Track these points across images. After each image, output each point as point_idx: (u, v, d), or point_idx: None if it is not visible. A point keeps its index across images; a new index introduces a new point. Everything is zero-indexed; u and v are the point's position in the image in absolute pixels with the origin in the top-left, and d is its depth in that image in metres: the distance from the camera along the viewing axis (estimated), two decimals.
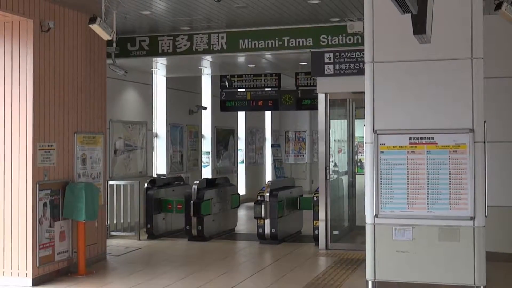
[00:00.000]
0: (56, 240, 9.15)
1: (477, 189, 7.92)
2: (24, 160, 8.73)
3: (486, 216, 7.98)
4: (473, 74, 8.00)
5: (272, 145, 23.53)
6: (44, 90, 8.98)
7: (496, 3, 8.08)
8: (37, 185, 8.77)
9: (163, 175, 14.76)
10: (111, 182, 12.35)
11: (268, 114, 23.07)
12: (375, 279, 8.23)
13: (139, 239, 12.65)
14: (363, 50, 8.59)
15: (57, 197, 9.18)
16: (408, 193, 8.13)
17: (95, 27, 8.69)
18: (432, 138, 8.09)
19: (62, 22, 9.36)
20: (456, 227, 7.98)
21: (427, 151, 8.10)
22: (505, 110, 10.06)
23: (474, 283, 7.93)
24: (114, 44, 10.28)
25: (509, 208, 10.04)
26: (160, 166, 15.96)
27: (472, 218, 7.92)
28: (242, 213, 15.62)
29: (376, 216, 8.22)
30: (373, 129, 8.27)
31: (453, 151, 8.01)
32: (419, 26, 6.35)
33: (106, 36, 8.93)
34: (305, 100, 15.14)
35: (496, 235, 9.59)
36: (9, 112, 8.79)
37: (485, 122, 8.02)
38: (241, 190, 19.86)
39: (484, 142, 7.98)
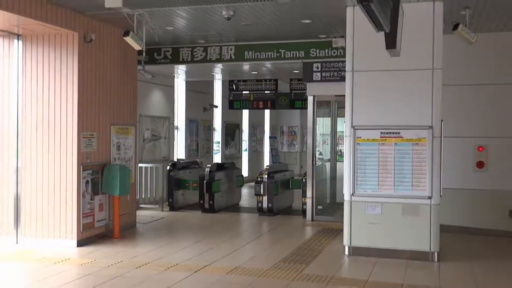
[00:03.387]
0: (96, 210, 9.26)
1: (434, 174, 8.03)
2: (71, 146, 8.81)
3: (440, 196, 8.11)
4: (433, 81, 8.10)
5: (270, 137, 23.61)
6: (86, 89, 9.05)
7: (454, 24, 8.13)
8: (81, 166, 8.87)
9: (182, 159, 14.83)
10: (140, 165, 12.41)
11: (267, 112, 23.08)
12: (350, 244, 8.40)
13: (162, 211, 12.75)
14: (344, 61, 8.65)
15: (97, 176, 9.27)
16: (378, 177, 8.25)
17: (128, 39, 8.74)
18: (399, 133, 8.19)
19: (101, 34, 9.42)
20: (416, 204, 8.10)
21: (395, 143, 8.21)
22: (459, 111, 10.08)
23: (430, 249, 8.08)
24: (144, 53, 10.35)
25: (459, 190, 10.06)
26: (179, 152, 16.02)
27: (430, 198, 8.04)
28: (245, 191, 15.69)
29: (352, 194, 8.35)
30: (352, 125, 8.38)
31: (416, 143, 8.12)
32: (391, 42, 6.41)
33: (137, 47, 8.99)
34: (297, 101, 15.15)
35: (449, 211, 9.65)
36: (58, 107, 8.86)
37: (442, 121, 8.12)
38: (245, 172, 19.87)
39: (441, 137, 8.09)
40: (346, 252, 8.39)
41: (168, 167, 13.14)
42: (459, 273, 7.48)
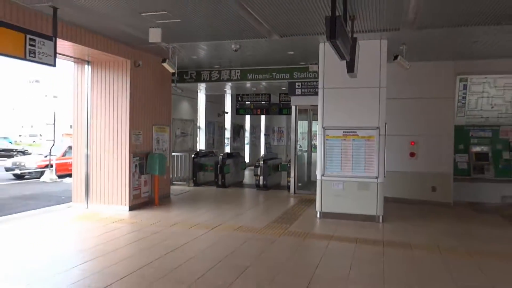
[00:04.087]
0: (142, 185, 9.21)
1: (380, 161, 7.99)
2: (124, 140, 8.78)
3: (384, 176, 8.06)
4: (380, 96, 8.04)
5: (265, 134, 23.53)
6: (135, 100, 9.00)
7: (394, 55, 8.08)
8: (132, 154, 8.84)
9: (203, 150, 14.77)
10: (173, 154, 12.37)
11: (263, 117, 23.01)
12: (321, 210, 8.35)
13: (188, 186, 12.71)
14: (318, 81, 8.60)
15: (143, 161, 9.22)
16: (341, 163, 8.19)
17: (165, 65, 8.69)
18: (356, 132, 8.14)
19: (146, 61, 9.35)
20: (367, 182, 8.06)
21: (353, 139, 8.16)
22: (398, 117, 10.03)
23: (377, 214, 8.04)
24: (176, 75, 10.31)
25: (398, 172, 10.03)
26: (201, 145, 15.98)
27: (377, 177, 8.00)
28: (247, 172, 15.65)
29: (323, 175, 8.30)
30: (323, 126, 8.32)
31: (367, 139, 8.07)
32: (350, 68, 6.39)
33: (171, 70, 8.94)
34: (284, 109, 15.09)
35: (390, 187, 9.63)
36: (116, 113, 8.82)
37: (385, 123, 8.07)
38: (247, 159, 19.88)
39: (385, 135, 8.04)
40: (318, 216, 8.35)
41: (192, 155, 13.08)
42: (397, 229, 7.45)
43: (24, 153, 26.02)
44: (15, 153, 26.08)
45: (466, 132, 10.66)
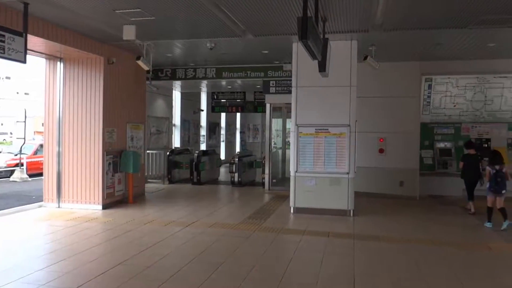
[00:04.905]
0: (116, 183, 9.00)
1: (350, 157, 8.08)
2: (98, 138, 8.55)
3: (355, 172, 8.17)
4: (350, 94, 8.13)
5: (240, 132, 23.47)
6: (109, 98, 8.78)
7: (364, 56, 8.18)
8: (105, 152, 8.63)
9: (178, 147, 14.60)
10: (148, 151, 12.16)
11: (238, 115, 22.94)
12: (295, 206, 8.39)
13: (163, 184, 12.53)
14: (291, 79, 8.61)
15: (117, 159, 9.01)
16: (314, 159, 8.26)
17: (139, 62, 8.51)
18: (327, 129, 8.21)
19: (120, 58, 9.12)
20: (339, 178, 8.14)
21: (325, 136, 8.22)
22: (368, 115, 10.17)
23: (348, 208, 8.14)
24: (150, 72, 10.09)
25: (367, 168, 10.16)
26: (176, 142, 15.77)
27: (348, 173, 8.10)
28: (222, 170, 15.55)
29: (296, 171, 8.34)
30: (296, 123, 8.36)
31: (339, 136, 8.15)
32: (322, 67, 6.42)
33: (146, 68, 8.76)
34: (259, 107, 15.03)
35: (361, 182, 9.75)
36: (89, 110, 8.58)
37: (356, 121, 8.17)
38: (222, 156, 19.77)
39: (355, 132, 8.14)
40: (292, 211, 8.38)
41: (168, 153, 12.90)
42: (367, 223, 7.56)
43: None
44: None
45: (431, 129, 10.93)
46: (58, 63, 8.68)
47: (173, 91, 15.40)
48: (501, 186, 7.26)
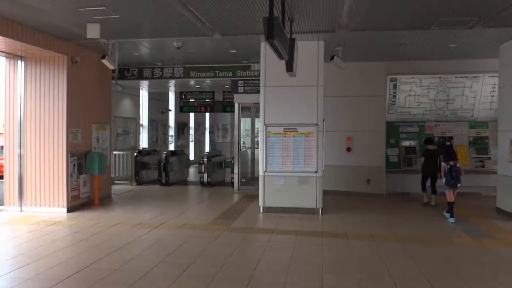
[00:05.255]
0: (81, 185, 8.79)
1: (318, 156, 8.19)
2: (62, 139, 8.32)
3: (323, 171, 8.29)
4: (318, 94, 8.24)
5: (209, 132, 23.38)
6: (73, 98, 8.56)
7: (331, 56, 8.31)
8: (69, 154, 8.40)
9: (146, 148, 14.39)
10: (114, 152, 11.94)
11: (207, 114, 22.83)
12: (264, 205, 8.44)
13: (131, 185, 12.33)
14: (259, 79, 8.65)
15: (82, 160, 8.80)
16: (282, 159, 8.32)
17: (104, 61, 8.33)
18: (296, 128, 8.29)
19: (85, 57, 8.92)
20: (307, 176, 8.24)
21: (293, 136, 8.30)
22: (335, 114, 10.37)
23: (316, 206, 8.25)
24: (116, 72, 9.93)
25: (335, 166, 10.38)
26: (144, 143, 15.54)
27: (316, 172, 8.20)
28: (191, 170, 15.47)
29: (265, 171, 8.38)
30: (264, 123, 8.40)
31: (307, 136, 8.24)
32: (289, 67, 6.48)
33: (111, 67, 8.58)
34: (228, 107, 15.00)
35: (329, 180, 9.92)
36: (52, 110, 8.34)
37: (323, 120, 8.28)
38: (191, 157, 19.64)
39: (323, 131, 8.25)
40: (261, 211, 8.42)
41: (135, 154, 12.70)
42: (335, 221, 7.69)
43: None
44: None
45: (396, 128, 11.22)
46: (19, 61, 8.38)
47: (140, 91, 15.17)
48: (456, 181, 7.75)
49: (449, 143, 11.05)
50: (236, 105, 11.66)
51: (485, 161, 10.86)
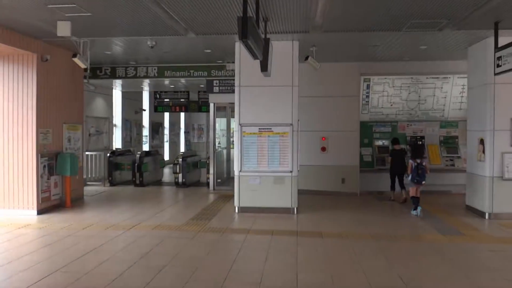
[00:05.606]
0: (52, 187, 8.57)
1: (293, 156, 8.25)
2: (31, 140, 8.10)
3: (298, 170, 8.35)
4: (292, 94, 8.29)
5: (184, 132, 23.21)
6: (43, 97, 8.35)
7: (305, 56, 8.38)
8: (39, 154, 8.18)
9: (119, 148, 14.15)
10: (87, 153, 11.70)
11: (182, 114, 22.66)
12: (239, 205, 8.43)
13: (104, 186, 12.10)
14: (234, 79, 8.64)
15: (52, 161, 8.57)
16: (257, 159, 8.33)
17: (76, 60, 8.15)
18: (271, 128, 8.32)
19: (55, 56, 8.70)
20: (283, 176, 8.28)
21: (268, 136, 8.32)
22: (310, 114, 10.48)
23: (291, 206, 8.30)
24: (88, 70, 9.72)
25: (310, 166, 10.47)
26: (117, 143, 15.29)
27: (291, 172, 8.26)
28: (166, 170, 15.33)
29: (240, 171, 8.38)
30: (239, 123, 8.39)
31: (282, 135, 8.29)
32: (264, 67, 6.50)
33: (83, 66, 8.40)
34: (203, 107, 14.96)
35: (304, 180, 9.99)
36: (21, 111, 8.11)
37: (298, 120, 8.35)
38: (166, 157, 19.47)
39: (298, 131, 8.32)
40: (236, 211, 8.41)
41: (108, 154, 12.48)
42: (310, 220, 7.76)
43: None
44: None
45: (370, 128, 11.42)
46: None
47: (113, 90, 14.91)
48: (421, 177, 8.17)
49: (420, 142, 11.32)
50: (211, 105, 11.62)
51: (455, 160, 11.17)
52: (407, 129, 11.46)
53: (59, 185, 8.83)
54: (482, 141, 8.15)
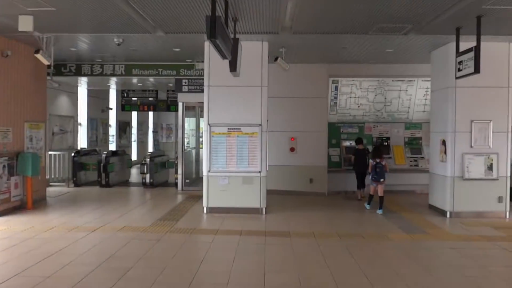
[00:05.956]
0: (12, 188, 8.24)
1: (262, 156, 8.27)
2: None
3: (267, 170, 8.37)
4: (261, 94, 8.31)
5: (153, 131, 22.85)
6: (4, 94, 8.03)
7: (275, 57, 8.42)
8: None
9: (85, 148, 13.77)
10: (50, 152, 11.33)
11: (150, 113, 22.30)
12: (208, 205, 8.37)
13: (68, 187, 11.74)
14: (203, 78, 8.56)
15: (13, 161, 8.23)
16: (226, 159, 8.30)
17: (38, 56, 7.89)
18: (240, 128, 8.30)
19: (17, 51, 8.39)
20: (251, 176, 8.29)
21: (237, 136, 8.30)
22: (279, 114, 10.53)
23: (260, 206, 8.31)
24: (52, 67, 9.42)
25: (279, 166, 10.51)
26: (82, 143, 14.87)
27: (260, 172, 8.27)
28: (134, 171, 15.04)
29: (209, 171, 8.32)
30: (208, 122, 8.34)
31: (251, 136, 8.29)
32: (233, 67, 6.49)
33: (46, 62, 8.15)
34: (172, 106, 14.76)
35: (272, 180, 10.02)
36: None
37: (267, 120, 8.37)
38: (134, 157, 19.12)
39: (267, 131, 8.34)
40: (205, 211, 8.35)
41: (73, 154, 12.11)
42: (279, 220, 7.80)
43: None
44: None
45: (338, 129, 11.60)
46: None
47: (79, 88, 14.50)
48: (380, 176, 8.61)
49: (386, 143, 11.61)
50: (180, 105, 11.49)
51: (419, 160, 11.51)
52: (374, 130, 11.71)
53: (20, 186, 8.50)
54: (444, 142, 8.43)
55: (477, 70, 6.84)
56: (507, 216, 8.18)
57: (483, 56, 6.88)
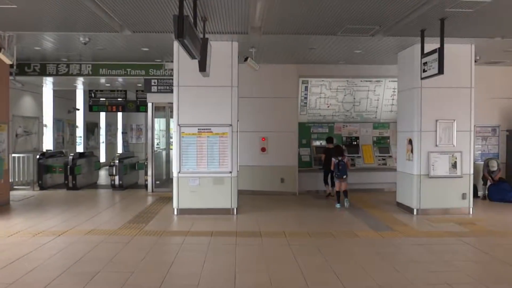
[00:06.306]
0: None
1: (233, 156, 8.27)
2: None
3: (238, 171, 8.38)
4: (232, 95, 8.31)
5: (122, 132, 22.40)
6: None
7: (244, 57, 8.44)
8: None
9: (50, 150, 13.36)
10: (14, 155, 10.95)
11: (119, 114, 21.83)
12: (178, 207, 8.30)
13: (33, 190, 11.37)
14: (173, 78, 8.49)
15: None
16: (197, 159, 8.26)
17: (0, 55, 7.60)
18: (210, 129, 8.28)
19: None
20: (222, 177, 8.27)
21: (207, 136, 8.28)
22: (250, 114, 10.56)
23: (231, 206, 8.31)
24: (14, 67, 9.13)
25: (250, 166, 10.57)
26: (48, 144, 14.41)
27: (230, 172, 8.27)
28: (102, 172, 14.72)
29: (179, 172, 8.25)
30: (178, 123, 8.27)
31: (221, 136, 8.28)
32: (202, 67, 6.46)
33: (8, 62, 7.86)
34: (141, 106, 14.51)
35: (243, 180, 10.05)
36: None
37: (238, 121, 8.38)
38: (103, 159, 18.71)
39: (237, 131, 8.35)
40: (175, 213, 8.27)
41: (38, 156, 11.75)
42: (250, 220, 7.81)
43: None
44: None
45: (308, 129, 11.74)
46: None
47: (44, 88, 14.05)
48: (342, 172, 9.12)
49: (355, 142, 11.83)
50: (150, 105, 11.36)
51: (387, 159, 11.79)
52: (343, 130, 11.92)
53: None
54: (410, 141, 8.67)
55: (441, 71, 7.08)
56: (471, 212, 8.49)
57: (447, 57, 7.12)
